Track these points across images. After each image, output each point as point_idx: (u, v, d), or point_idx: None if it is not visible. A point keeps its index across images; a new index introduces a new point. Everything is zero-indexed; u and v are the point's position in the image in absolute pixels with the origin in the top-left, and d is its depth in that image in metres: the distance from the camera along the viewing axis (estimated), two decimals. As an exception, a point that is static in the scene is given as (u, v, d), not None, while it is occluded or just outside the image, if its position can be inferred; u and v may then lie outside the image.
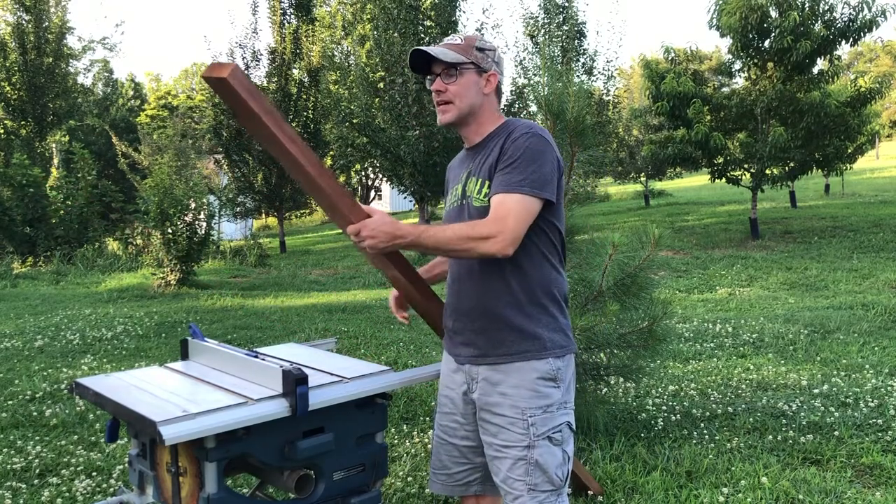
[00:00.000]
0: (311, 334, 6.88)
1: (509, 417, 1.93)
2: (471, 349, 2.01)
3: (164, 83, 54.75)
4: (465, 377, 2.05)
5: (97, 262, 13.62)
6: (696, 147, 12.50)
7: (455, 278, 2.05)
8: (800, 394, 4.44)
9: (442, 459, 2.13)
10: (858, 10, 12.04)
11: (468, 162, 2.05)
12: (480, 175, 1.96)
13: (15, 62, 21.87)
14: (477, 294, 1.97)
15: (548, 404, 1.95)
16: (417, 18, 14.56)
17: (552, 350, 1.96)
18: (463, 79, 1.96)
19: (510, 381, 1.95)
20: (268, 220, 28.80)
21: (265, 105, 1.74)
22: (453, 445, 2.11)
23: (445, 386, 2.13)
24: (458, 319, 2.04)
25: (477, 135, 2.03)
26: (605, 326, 3.45)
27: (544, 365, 1.95)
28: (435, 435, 2.17)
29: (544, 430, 1.93)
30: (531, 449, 1.92)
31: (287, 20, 17.84)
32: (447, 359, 2.14)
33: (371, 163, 17.90)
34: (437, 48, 1.98)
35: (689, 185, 29.17)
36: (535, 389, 1.94)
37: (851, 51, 52.42)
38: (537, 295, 1.96)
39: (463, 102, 1.97)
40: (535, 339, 1.95)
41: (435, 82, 1.98)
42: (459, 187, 2.05)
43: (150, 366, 3.78)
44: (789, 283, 9.10)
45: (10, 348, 6.39)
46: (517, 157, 1.87)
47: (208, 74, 1.67)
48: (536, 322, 1.95)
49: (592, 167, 15.40)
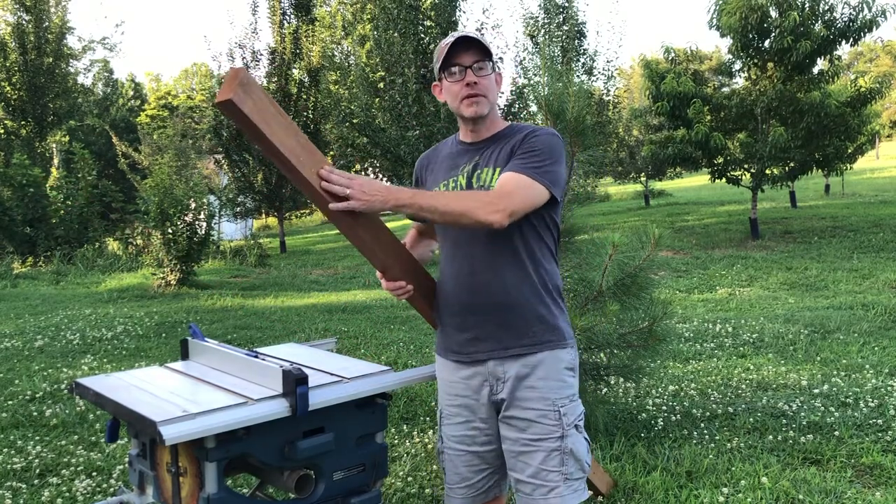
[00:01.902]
0: (311, 334, 6.88)
1: (540, 410, 1.91)
2: (490, 343, 1.94)
3: (164, 83, 54.81)
4: (484, 378, 1.96)
5: (97, 262, 13.63)
6: (696, 147, 12.50)
7: (468, 272, 1.95)
8: (800, 394, 4.44)
9: (461, 472, 2.04)
10: (858, 10, 12.03)
11: (469, 156, 2.02)
12: (497, 164, 1.95)
13: (15, 62, 21.88)
14: (500, 286, 1.92)
15: (572, 393, 1.98)
16: (417, 18, 14.54)
17: (569, 339, 2.00)
18: (491, 74, 1.98)
19: (538, 373, 1.93)
20: (268, 220, 28.78)
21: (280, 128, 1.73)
22: (474, 454, 2.02)
23: (454, 395, 2.03)
24: (473, 314, 1.95)
25: (488, 131, 2.03)
26: (605, 326, 3.45)
27: (567, 354, 1.98)
28: (447, 448, 2.06)
29: (573, 418, 1.95)
30: (565, 439, 1.92)
31: (287, 20, 17.84)
32: (452, 366, 2.03)
33: (371, 163, 17.89)
34: (477, 35, 1.98)
35: (689, 185, 29.17)
36: (562, 379, 1.95)
37: (851, 51, 52.42)
38: (551, 288, 1.98)
39: (493, 97, 1.99)
40: (556, 329, 1.97)
41: (468, 74, 1.95)
42: (462, 178, 2.00)
43: (150, 366, 3.78)
44: (789, 283, 9.09)
45: (10, 348, 6.39)
46: (537, 149, 1.90)
47: (219, 99, 1.66)
48: (552, 312, 1.97)
49: (592, 167, 15.41)
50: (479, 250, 1.93)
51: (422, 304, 2.09)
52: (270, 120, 1.71)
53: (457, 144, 2.09)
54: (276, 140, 1.71)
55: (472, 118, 1.98)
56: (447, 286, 2.01)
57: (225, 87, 1.65)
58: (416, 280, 2.03)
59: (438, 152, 2.15)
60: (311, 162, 1.78)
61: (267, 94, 1.72)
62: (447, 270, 2.02)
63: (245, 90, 1.65)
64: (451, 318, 2.02)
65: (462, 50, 1.95)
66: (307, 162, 1.77)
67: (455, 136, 2.11)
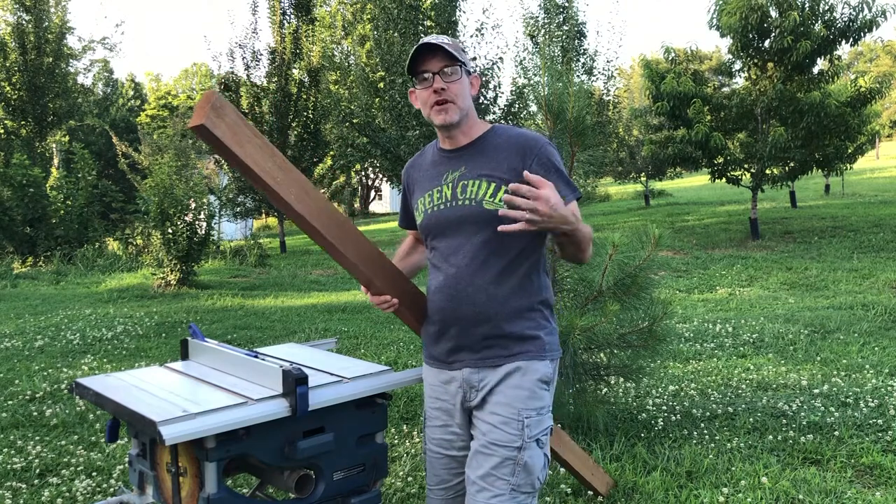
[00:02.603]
0: (311, 334, 6.88)
1: (503, 417, 1.91)
2: (467, 353, 1.96)
3: (164, 83, 54.79)
4: (460, 385, 1.98)
5: (97, 262, 13.63)
6: (696, 147, 12.50)
7: (452, 283, 1.95)
8: (800, 394, 4.44)
9: (439, 474, 2.07)
10: (858, 10, 12.03)
11: (451, 164, 1.99)
12: (487, 178, 1.91)
13: (15, 62, 21.86)
14: (483, 299, 1.92)
15: (541, 406, 1.95)
16: (417, 18, 14.55)
17: (549, 353, 1.97)
18: (461, 78, 1.93)
19: (510, 381, 1.92)
20: (268, 220, 28.80)
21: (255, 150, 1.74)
22: (451, 458, 2.04)
23: (436, 398, 2.05)
24: (453, 325, 1.96)
25: (466, 137, 1.98)
26: (605, 326, 3.45)
27: (543, 367, 1.95)
28: (428, 450, 2.09)
29: (536, 432, 1.92)
30: (522, 451, 1.90)
31: (287, 20, 17.83)
32: (434, 371, 2.06)
33: (371, 163, 17.89)
34: (443, 39, 1.91)
35: (689, 185, 29.18)
36: (533, 391, 1.93)
37: (851, 51, 52.45)
38: (538, 301, 1.97)
39: (463, 102, 1.93)
40: (536, 341, 1.95)
41: (435, 80, 1.90)
42: (447, 189, 1.97)
43: (150, 366, 3.78)
44: (789, 283, 9.09)
45: (10, 348, 6.40)
46: (558, 165, 1.93)
47: (191, 124, 1.67)
48: (536, 325, 1.96)
49: (592, 167, 15.38)
50: (464, 263, 1.93)
51: (407, 316, 2.10)
52: (245, 142, 1.72)
53: (437, 152, 2.05)
54: (251, 162, 1.73)
55: (442, 126, 1.94)
56: (432, 295, 2.02)
57: (197, 111, 1.66)
58: (401, 292, 2.05)
59: (423, 159, 2.11)
60: (289, 181, 1.80)
61: (241, 117, 1.73)
62: (433, 281, 2.02)
63: (218, 114, 1.66)
64: (433, 326, 2.03)
65: (429, 55, 1.91)
66: (284, 181, 1.79)
67: (436, 143, 2.07)
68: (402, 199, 2.21)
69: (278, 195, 1.78)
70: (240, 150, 1.70)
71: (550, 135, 3.54)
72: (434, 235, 2.01)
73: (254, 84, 16.93)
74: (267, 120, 16.65)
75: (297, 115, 17.50)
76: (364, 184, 32.03)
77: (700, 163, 13.27)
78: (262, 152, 1.75)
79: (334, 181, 21.93)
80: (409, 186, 2.14)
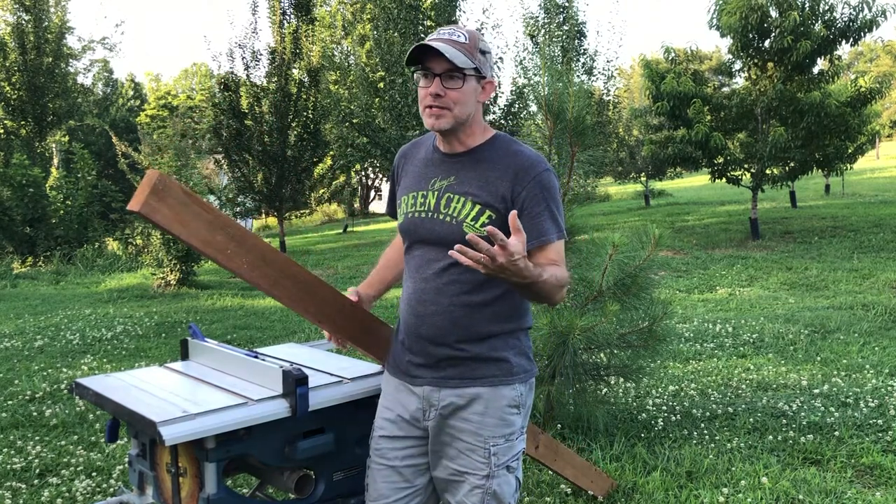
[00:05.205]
0: (311, 334, 6.88)
1: (469, 444, 1.85)
2: (431, 372, 1.89)
3: (164, 83, 54.78)
4: (419, 401, 1.91)
5: (97, 262, 13.64)
6: (696, 147, 12.49)
7: (418, 300, 1.89)
8: (800, 394, 4.44)
9: (379, 488, 1.96)
10: (858, 10, 12.03)
11: (443, 170, 1.90)
12: (473, 199, 1.83)
13: (15, 62, 21.85)
14: (448, 321, 1.85)
15: (510, 433, 1.89)
16: (417, 18, 14.56)
17: (518, 375, 1.90)
18: (466, 86, 1.79)
19: (475, 407, 1.85)
20: (268, 220, 28.75)
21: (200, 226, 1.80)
22: (392, 469, 1.94)
23: (387, 409, 1.98)
24: (417, 341, 1.89)
25: (462, 145, 1.88)
26: (605, 326, 3.45)
27: (511, 391, 1.88)
28: (371, 463, 2.00)
29: (505, 459, 1.87)
30: (490, 479, 1.85)
31: (287, 20, 17.82)
32: (393, 381, 1.99)
33: (371, 163, 17.90)
34: (448, 48, 1.76)
35: (689, 185, 29.17)
36: (501, 418, 1.87)
37: (851, 51, 52.42)
38: (508, 323, 1.89)
39: (461, 111, 1.81)
40: (502, 363, 1.87)
41: (434, 84, 1.78)
42: (431, 197, 1.89)
43: (150, 366, 3.78)
44: (789, 283, 9.09)
45: (10, 348, 6.39)
46: (549, 199, 1.82)
47: (130, 207, 1.72)
48: (503, 346, 1.88)
49: (592, 167, 15.35)
50: (432, 278, 1.87)
51: (364, 349, 2.18)
52: (191, 220, 1.76)
53: (432, 150, 1.96)
54: (195, 241, 1.78)
55: (431, 130, 1.86)
56: (402, 304, 1.97)
57: (138, 194, 1.70)
58: (355, 325, 2.12)
59: (417, 151, 2.01)
60: (242, 251, 1.86)
61: (189, 193, 1.76)
62: (404, 290, 1.97)
63: (158, 197, 1.70)
64: (400, 335, 1.97)
65: (436, 54, 1.77)
66: (236, 252, 1.85)
67: (434, 139, 1.96)
68: (391, 186, 2.11)
69: (230, 267, 1.86)
70: (182, 230, 1.75)
71: (551, 134, 3.55)
72: (411, 241, 1.95)
73: (254, 84, 16.92)
74: (267, 120, 16.64)
75: (297, 115, 17.49)
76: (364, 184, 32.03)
77: (700, 163, 13.27)
78: (210, 226, 1.79)
79: (334, 181, 21.92)
80: (397, 175, 2.05)
